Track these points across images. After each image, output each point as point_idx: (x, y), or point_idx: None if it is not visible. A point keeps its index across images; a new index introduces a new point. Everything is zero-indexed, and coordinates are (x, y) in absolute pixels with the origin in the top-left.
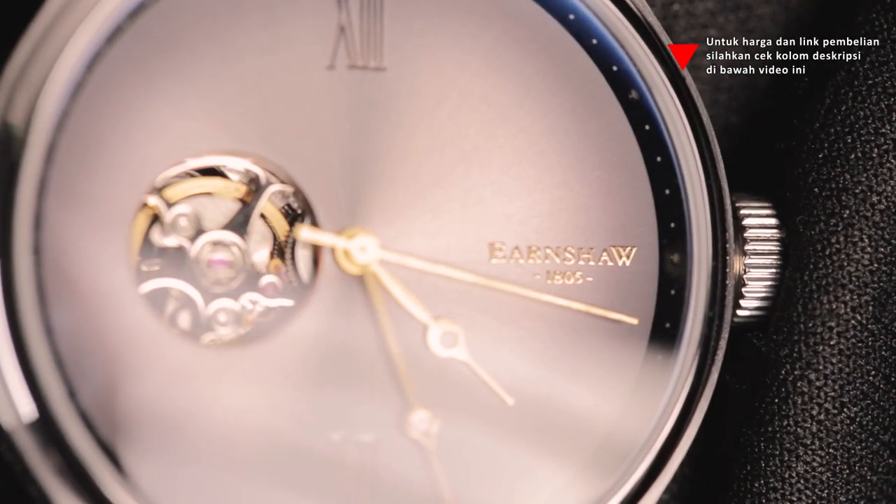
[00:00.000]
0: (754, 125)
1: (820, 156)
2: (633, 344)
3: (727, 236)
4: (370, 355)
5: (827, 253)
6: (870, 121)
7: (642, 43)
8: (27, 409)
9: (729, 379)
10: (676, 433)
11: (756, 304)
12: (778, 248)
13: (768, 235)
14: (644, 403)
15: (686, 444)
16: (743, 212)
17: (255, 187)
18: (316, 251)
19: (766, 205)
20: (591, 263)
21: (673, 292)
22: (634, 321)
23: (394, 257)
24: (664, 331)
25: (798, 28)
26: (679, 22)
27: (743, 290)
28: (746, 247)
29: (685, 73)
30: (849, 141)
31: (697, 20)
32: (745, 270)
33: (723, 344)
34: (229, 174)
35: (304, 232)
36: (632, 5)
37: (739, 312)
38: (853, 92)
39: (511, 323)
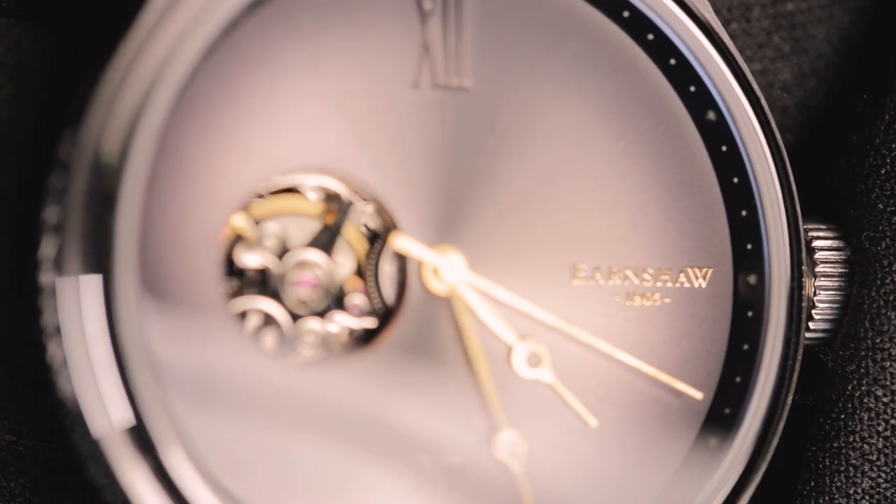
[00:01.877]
0: (809, 144)
1: (882, 171)
2: (711, 366)
3: (801, 257)
4: (456, 376)
5: (894, 269)
6: None
7: (721, 63)
8: (123, 415)
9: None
10: (754, 457)
11: (824, 324)
12: (845, 270)
13: (836, 258)
14: (723, 430)
15: (763, 465)
16: (812, 233)
17: (337, 206)
18: (402, 271)
19: (831, 226)
20: (669, 285)
21: (750, 314)
22: (699, 395)
23: (481, 283)
24: (742, 353)
25: (850, 45)
26: (735, 42)
27: (812, 311)
28: (817, 268)
29: (759, 93)
30: None
31: (754, 39)
32: (815, 292)
33: (798, 365)
34: (309, 194)
35: (401, 240)
36: (709, 26)
37: (807, 334)
38: None
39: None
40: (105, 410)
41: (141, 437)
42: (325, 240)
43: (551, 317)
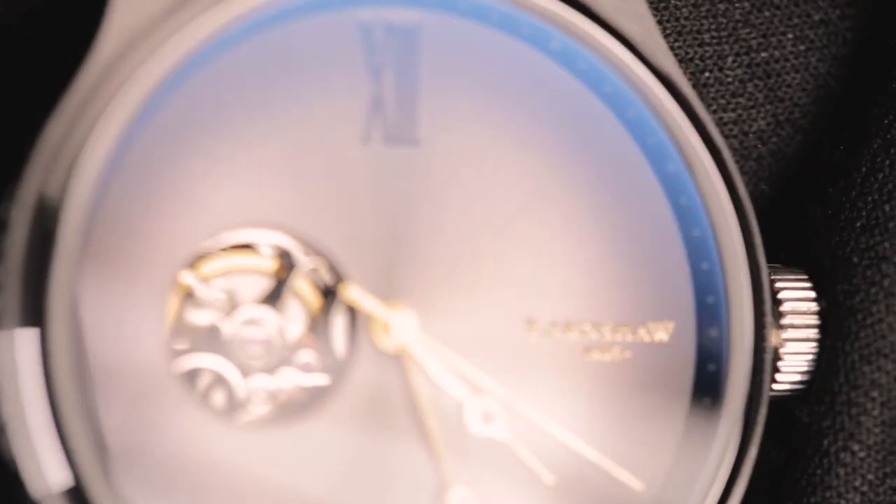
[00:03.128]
0: (784, 193)
1: (858, 224)
2: (673, 420)
3: (765, 310)
4: (407, 434)
5: (868, 322)
6: None
7: (681, 115)
8: (61, 477)
9: (768, 451)
10: None
11: (793, 377)
12: (815, 322)
13: (805, 308)
14: (686, 478)
15: None
16: (778, 283)
17: (287, 262)
18: (352, 329)
19: (801, 277)
20: (629, 338)
21: (711, 367)
22: (639, 487)
23: (431, 343)
24: (703, 406)
25: (826, 94)
26: (709, 90)
27: (779, 363)
28: (783, 320)
29: (723, 145)
30: (887, 209)
31: (728, 88)
32: (781, 344)
33: (762, 419)
34: (262, 250)
35: (352, 290)
36: (668, 78)
37: (776, 386)
38: (890, 159)
39: (550, 401)
40: (41, 471)
41: (79, 501)
42: (275, 297)
43: (496, 383)
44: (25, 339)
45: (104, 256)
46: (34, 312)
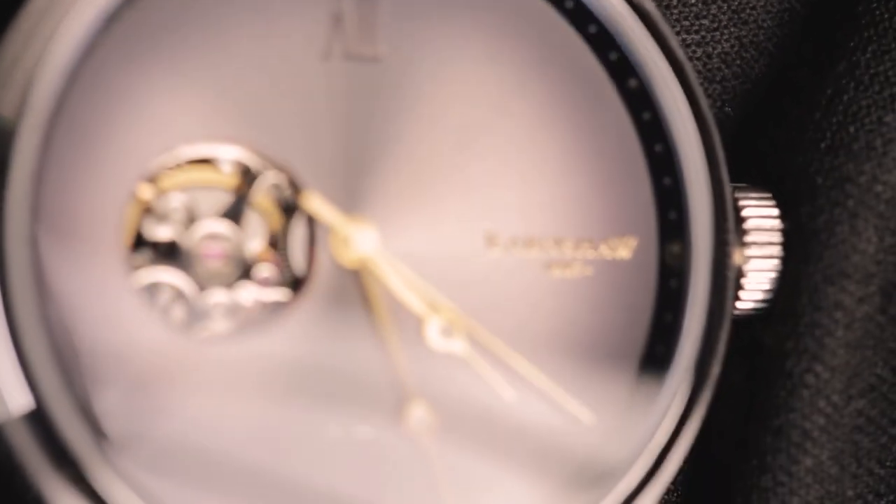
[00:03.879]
0: (748, 116)
1: (822, 146)
2: (633, 337)
3: (727, 226)
4: (368, 348)
5: (832, 243)
6: (872, 110)
7: (643, 30)
8: (23, 400)
9: (731, 374)
10: (677, 432)
11: (756, 296)
12: (778, 240)
13: (768, 226)
14: (644, 397)
15: (687, 442)
16: (742, 202)
17: (247, 177)
18: (311, 243)
19: (765, 195)
20: (591, 255)
21: (673, 284)
22: (589, 419)
23: (391, 257)
24: (665, 324)
25: (791, 17)
26: (672, 11)
27: (743, 281)
28: (746, 238)
29: (685, 61)
30: (851, 131)
31: (691, 10)
32: (745, 262)
33: (724, 337)
34: (221, 165)
35: (313, 200)
36: None
37: (739, 305)
38: (855, 82)
39: (511, 314)
40: (5, 395)
41: (42, 422)
42: (235, 211)
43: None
44: None
45: (60, 173)
46: None
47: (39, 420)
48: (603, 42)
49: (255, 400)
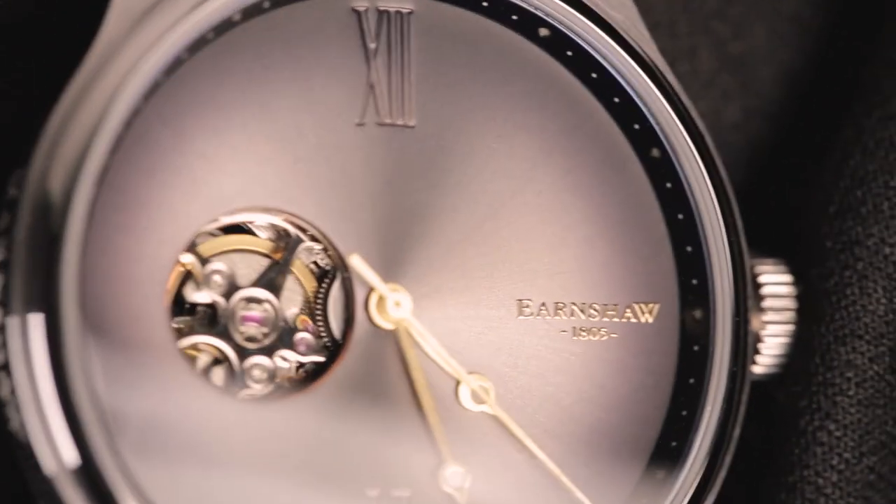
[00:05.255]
0: (759, 183)
1: (831, 210)
2: (658, 400)
3: (747, 293)
4: (403, 410)
5: (842, 305)
6: (879, 174)
7: (664, 102)
8: (70, 455)
9: (747, 433)
10: (700, 490)
11: (772, 359)
12: (794, 306)
13: (784, 293)
14: (669, 463)
15: (710, 498)
16: (758, 269)
17: (285, 244)
18: (349, 308)
19: (779, 263)
20: (616, 320)
21: (696, 348)
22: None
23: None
24: (688, 386)
25: (797, 86)
26: (683, 82)
27: (760, 346)
28: (763, 303)
29: (705, 131)
30: (859, 195)
31: (700, 80)
32: (762, 327)
33: (745, 398)
34: (257, 231)
35: (356, 259)
36: (653, 65)
37: (756, 368)
38: (861, 146)
39: (539, 378)
40: (53, 450)
41: (90, 478)
42: (273, 277)
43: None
44: (34, 324)
45: (107, 240)
46: (42, 297)
47: (87, 476)
48: (627, 112)
49: (294, 459)
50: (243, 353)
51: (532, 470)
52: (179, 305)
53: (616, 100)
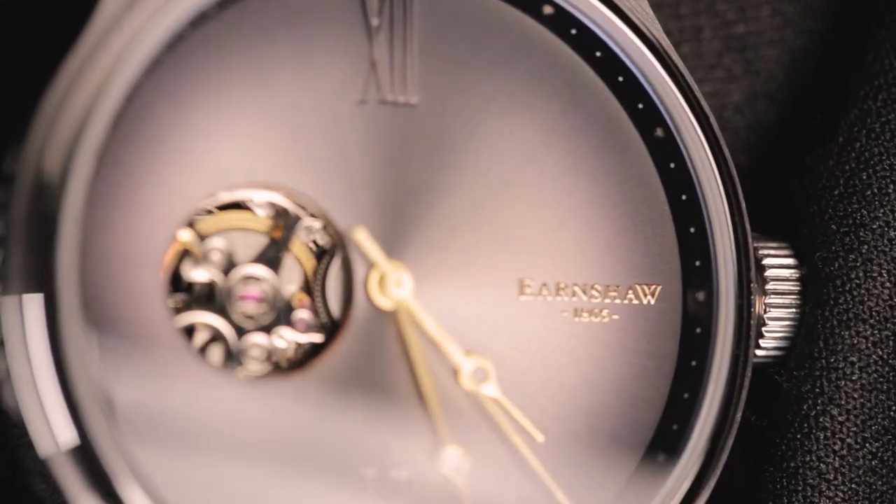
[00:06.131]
0: (761, 165)
1: (836, 193)
2: (659, 382)
3: (751, 275)
4: (401, 391)
5: (847, 288)
6: (884, 157)
7: (669, 81)
8: (67, 435)
9: (749, 416)
10: (702, 474)
11: (775, 343)
12: (797, 288)
13: (787, 276)
14: (670, 446)
15: (711, 482)
16: (761, 252)
17: (283, 222)
18: (348, 286)
19: (783, 245)
20: (618, 301)
21: (698, 330)
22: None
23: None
24: (690, 369)
25: (802, 68)
26: (687, 63)
27: (763, 329)
28: (767, 286)
29: (709, 111)
30: (864, 177)
31: (705, 61)
32: (765, 310)
33: (747, 382)
34: (256, 209)
35: (361, 234)
36: (657, 44)
37: (758, 352)
38: (867, 129)
39: (539, 360)
40: (50, 431)
41: (86, 458)
42: (272, 255)
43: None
44: (31, 303)
45: (105, 218)
46: (39, 278)
47: (84, 456)
48: (631, 92)
49: (291, 440)
50: (241, 332)
51: (532, 452)
52: (177, 283)
53: (620, 79)
